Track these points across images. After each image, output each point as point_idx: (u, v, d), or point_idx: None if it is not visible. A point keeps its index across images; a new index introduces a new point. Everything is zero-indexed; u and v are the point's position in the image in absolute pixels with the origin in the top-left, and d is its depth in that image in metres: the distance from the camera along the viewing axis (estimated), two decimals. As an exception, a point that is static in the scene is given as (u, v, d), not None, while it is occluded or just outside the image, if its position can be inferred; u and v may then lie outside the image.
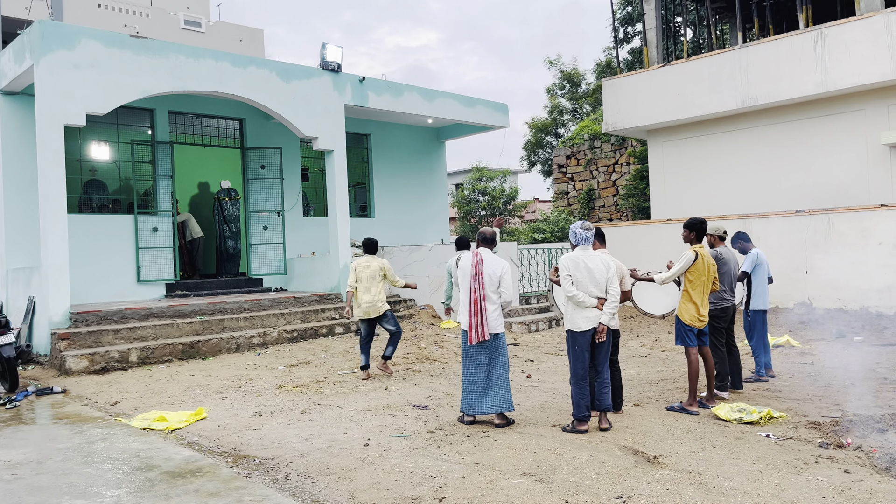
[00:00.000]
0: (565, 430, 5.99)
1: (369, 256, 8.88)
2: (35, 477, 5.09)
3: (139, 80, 10.69)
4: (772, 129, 15.22)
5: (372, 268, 8.72)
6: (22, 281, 10.72)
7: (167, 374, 8.96)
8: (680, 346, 6.86)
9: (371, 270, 8.71)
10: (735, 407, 6.42)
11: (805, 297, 12.81)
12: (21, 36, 10.51)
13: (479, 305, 6.21)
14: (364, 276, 8.69)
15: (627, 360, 9.67)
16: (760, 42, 14.93)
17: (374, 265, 8.74)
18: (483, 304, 6.21)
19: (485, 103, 16.16)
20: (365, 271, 8.70)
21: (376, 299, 8.63)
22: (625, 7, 25.06)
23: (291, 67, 12.68)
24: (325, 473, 5.04)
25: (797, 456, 5.20)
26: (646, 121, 16.66)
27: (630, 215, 21.18)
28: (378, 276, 8.71)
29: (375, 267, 8.73)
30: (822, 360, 9.32)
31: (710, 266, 6.71)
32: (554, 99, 28.39)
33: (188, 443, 5.96)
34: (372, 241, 9.00)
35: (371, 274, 8.69)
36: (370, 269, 8.72)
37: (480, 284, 6.23)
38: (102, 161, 12.88)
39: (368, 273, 8.69)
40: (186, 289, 12.82)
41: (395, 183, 16.86)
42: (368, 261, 8.80)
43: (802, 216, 13.02)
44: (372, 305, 8.64)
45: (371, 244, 8.98)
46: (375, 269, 8.72)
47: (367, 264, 8.76)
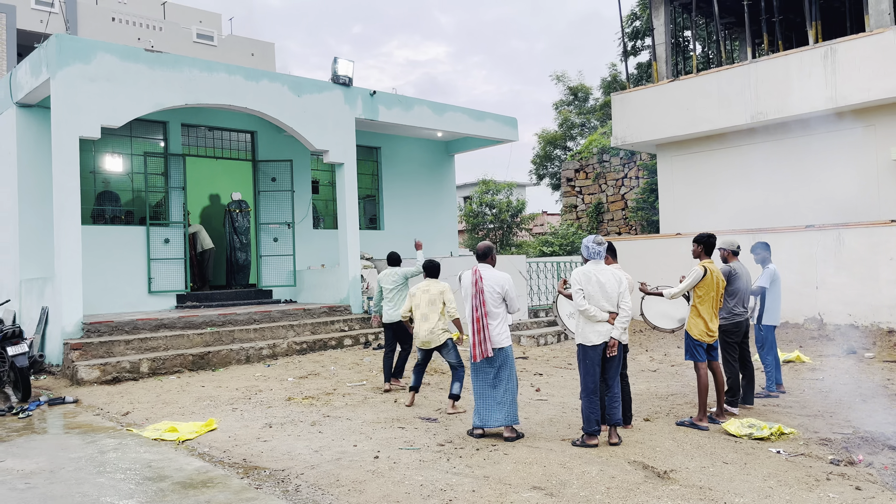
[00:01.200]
0: (575, 445, 5.99)
1: (429, 280, 7.81)
2: (48, 486, 5.13)
3: (153, 93, 10.83)
4: (781, 143, 15.21)
5: (432, 292, 7.69)
6: (35, 291, 10.82)
7: (178, 385, 9.00)
8: (689, 360, 6.86)
9: (431, 295, 7.67)
10: (745, 422, 6.40)
11: (815, 313, 12.75)
12: (38, 49, 10.67)
13: (481, 323, 6.24)
14: (423, 301, 7.69)
15: (637, 375, 9.65)
16: (770, 57, 14.97)
17: (434, 289, 7.69)
18: (485, 321, 6.24)
19: (494, 117, 16.24)
20: (424, 296, 7.70)
21: (435, 328, 7.63)
22: (632, 22, 25.17)
23: (303, 81, 12.80)
24: (336, 485, 5.05)
25: (808, 472, 5.18)
26: (655, 135, 16.69)
27: (639, 229, 21.16)
28: (438, 302, 7.65)
29: (436, 292, 7.67)
30: (832, 377, 9.28)
31: (719, 281, 6.72)
32: (564, 113, 28.49)
33: (199, 453, 5.99)
34: (434, 264, 7.94)
35: (430, 299, 7.67)
36: (430, 293, 7.69)
37: (482, 302, 6.26)
38: (115, 173, 13.01)
39: (427, 298, 7.68)
40: (197, 300, 12.90)
41: (404, 196, 16.93)
42: (428, 284, 7.77)
43: (812, 231, 12.99)
44: (430, 334, 7.66)
45: (433, 267, 7.92)
46: (436, 294, 7.66)
47: (427, 288, 7.74)
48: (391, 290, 8.89)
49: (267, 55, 32.22)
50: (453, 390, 7.62)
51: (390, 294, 8.89)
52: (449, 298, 7.67)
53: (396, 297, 8.87)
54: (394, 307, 8.85)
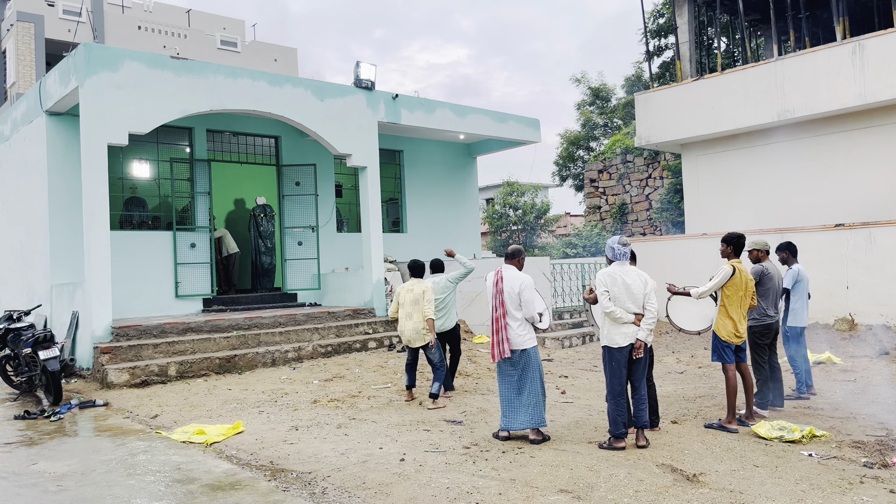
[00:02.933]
0: (602, 447, 5.94)
1: (414, 280, 8.22)
2: (80, 489, 5.21)
3: (179, 99, 10.96)
4: (809, 142, 14.99)
5: (415, 292, 8.05)
6: (66, 296, 11.00)
7: (205, 388, 9.09)
8: (717, 362, 6.77)
9: (414, 295, 8.04)
10: (776, 425, 6.30)
11: (846, 313, 12.53)
12: (66, 58, 10.85)
13: (499, 323, 6.27)
14: (407, 300, 8.07)
15: (663, 377, 9.56)
16: (797, 54, 14.76)
17: (417, 289, 8.06)
18: (504, 322, 6.26)
19: (516, 118, 16.20)
20: (408, 296, 8.07)
21: (419, 326, 7.99)
22: (656, 20, 24.98)
23: (326, 86, 12.88)
24: (362, 488, 5.06)
25: (841, 476, 5.08)
26: (679, 135, 16.54)
27: (664, 230, 20.98)
28: (421, 301, 7.99)
29: (419, 291, 8.04)
30: (864, 378, 9.11)
31: (747, 281, 6.63)
32: (586, 113, 28.35)
33: (227, 456, 6.04)
34: (418, 264, 8.36)
35: (414, 298, 8.03)
36: (413, 293, 8.05)
37: (501, 303, 6.29)
38: (142, 179, 13.19)
39: (412, 297, 8.04)
40: (223, 304, 13.02)
41: (427, 198, 16.95)
42: (412, 285, 8.13)
43: (842, 230, 12.77)
44: (415, 333, 8.01)
45: (417, 267, 8.34)
46: (419, 294, 8.02)
47: (411, 288, 8.09)
48: (443, 299, 8.56)
49: (290, 60, 32.50)
50: (432, 389, 7.94)
51: (442, 302, 8.54)
52: (428, 298, 7.95)
53: (447, 304, 8.62)
54: (443, 315, 8.56)
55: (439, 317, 8.51)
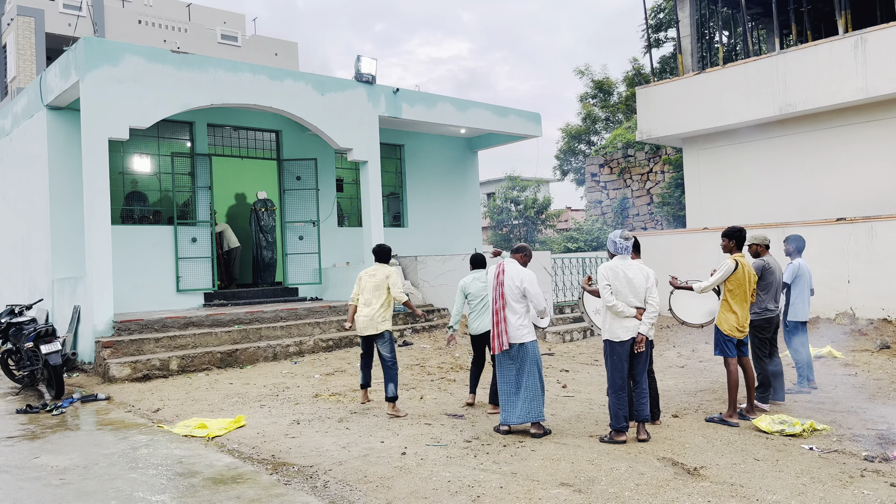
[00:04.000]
0: (603, 441, 5.95)
1: (378, 265, 7.53)
2: (82, 482, 5.22)
3: (180, 93, 10.95)
4: (811, 136, 14.96)
5: (377, 277, 7.38)
6: (67, 290, 11.02)
7: (206, 382, 9.11)
8: (719, 356, 6.78)
9: (376, 280, 7.36)
10: (777, 419, 6.31)
11: (847, 307, 12.52)
12: (67, 52, 10.84)
13: (499, 315, 6.28)
14: (368, 286, 7.39)
15: (664, 371, 9.56)
16: (799, 48, 14.71)
17: (379, 274, 7.40)
18: (504, 314, 6.27)
19: (517, 113, 16.17)
20: (370, 281, 7.40)
21: (376, 315, 7.28)
22: (657, 14, 24.92)
23: (327, 80, 12.86)
24: (364, 482, 5.08)
25: (842, 469, 5.09)
26: (681, 129, 16.50)
27: (665, 224, 20.96)
28: (382, 287, 7.33)
29: (381, 276, 7.36)
30: (865, 372, 9.11)
31: (750, 276, 6.62)
32: (587, 107, 28.31)
33: (228, 450, 6.05)
34: (384, 248, 7.61)
35: (375, 284, 7.34)
36: (375, 278, 7.38)
37: (500, 295, 6.30)
38: (143, 173, 13.19)
39: (373, 283, 7.36)
40: (224, 298, 13.04)
41: (427, 193, 16.94)
42: (375, 269, 7.48)
43: (844, 224, 12.75)
44: (369, 320, 7.29)
45: (382, 251, 7.59)
46: (381, 279, 7.34)
47: (373, 273, 7.45)
48: (480, 298, 7.51)
49: (290, 54, 32.45)
50: (388, 392, 7.15)
51: (479, 303, 7.51)
52: (394, 282, 7.29)
53: (487, 303, 7.49)
54: (482, 315, 7.52)
55: (475, 317, 7.56)
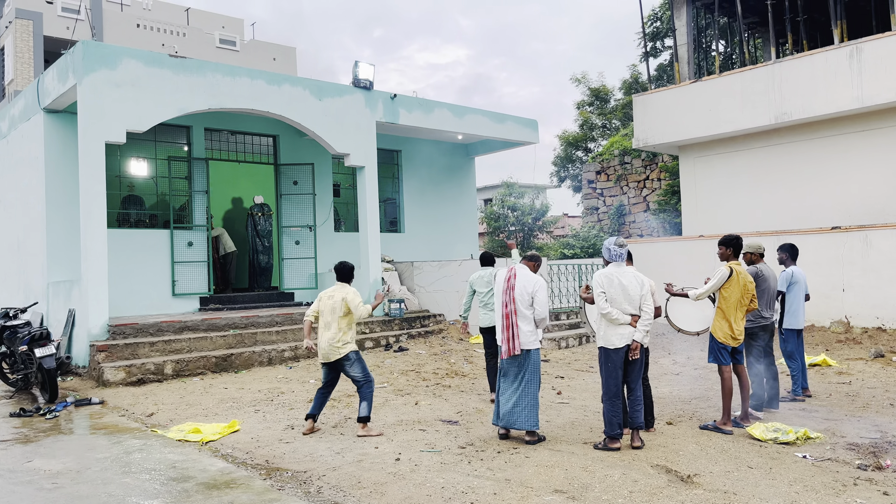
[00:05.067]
0: (597, 448, 5.96)
1: (339, 285, 6.92)
2: (75, 486, 5.21)
3: (177, 98, 10.95)
4: (806, 144, 15.03)
5: (335, 299, 6.77)
6: (63, 294, 10.99)
7: (201, 387, 9.09)
8: (713, 363, 6.79)
9: (333, 302, 6.77)
10: (770, 427, 6.32)
11: (842, 316, 12.57)
12: (65, 56, 10.84)
13: (510, 320, 6.26)
14: (325, 308, 6.81)
15: (659, 378, 9.57)
16: (795, 57, 14.80)
17: (337, 296, 6.78)
18: (514, 319, 6.24)
19: (514, 119, 16.22)
20: (327, 303, 6.81)
21: (335, 339, 6.71)
22: (654, 23, 25.02)
23: (324, 85, 12.88)
24: (357, 487, 5.07)
25: (835, 478, 5.10)
26: (677, 136, 16.57)
27: (661, 231, 21.01)
28: (339, 310, 6.72)
29: (338, 298, 6.75)
30: (860, 380, 9.13)
31: (746, 283, 6.64)
32: (584, 114, 28.37)
33: (222, 455, 6.04)
34: (345, 266, 6.99)
35: (332, 306, 6.76)
36: (333, 299, 6.78)
37: (511, 299, 6.27)
38: (140, 177, 13.19)
39: (330, 305, 6.78)
40: (220, 302, 13.02)
41: (424, 198, 16.96)
42: (333, 290, 6.87)
43: (839, 233, 12.81)
44: (330, 346, 6.72)
45: (343, 270, 6.98)
46: (338, 301, 6.74)
47: (331, 294, 6.83)
48: (487, 293, 8.26)
49: (289, 59, 32.47)
50: (361, 412, 6.65)
51: (486, 297, 8.26)
52: (352, 301, 6.70)
53: (493, 300, 8.06)
54: (490, 310, 8.21)
55: (484, 311, 8.27)
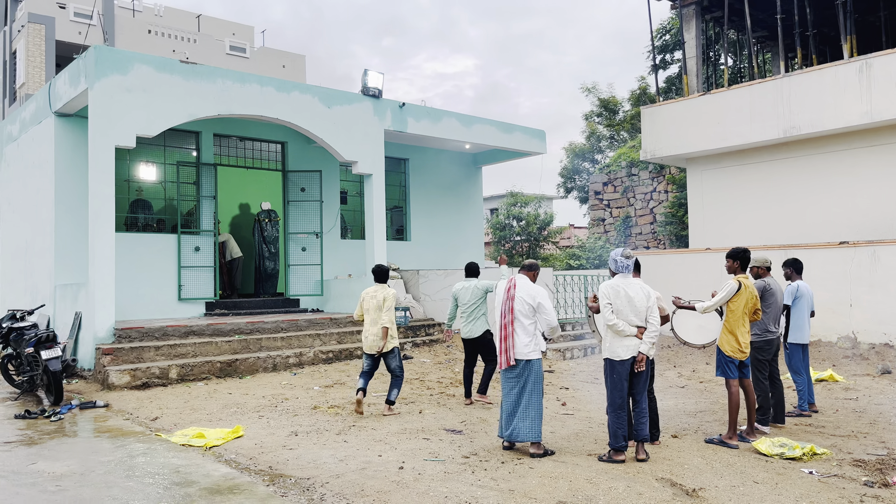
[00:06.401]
0: (601, 460, 5.93)
1: (378, 285, 8.17)
2: (78, 489, 5.21)
3: (187, 103, 11.02)
4: (815, 159, 15.00)
5: (378, 298, 8.02)
6: (69, 296, 11.03)
7: (205, 392, 9.09)
8: (720, 377, 6.76)
9: (377, 301, 8.01)
10: (777, 442, 6.28)
11: (849, 331, 12.49)
12: (77, 60, 10.93)
13: (507, 330, 6.24)
14: (371, 307, 8.04)
15: (664, 391, 9.53)
16: (804, 71, 14.79)
17: (379, 296, 8.04)
18: (511, 329, 6.23)
19: (522, 129, 16.24)
20: (372, 302, 8.04)
21: (382, 333, 7.95)
22: (662, 35, 25.07)
23: (333, 93, 12.94)
24: (360, 495, 5.05)
25: (841, 494, 5.06)
26: (685, 149, 16.56)
27: (668, 243, 20.97)
28: (383, 308, 7.99)
29: (381, 298, 8.01)
30: (866, 396, 9.07)
31: (753, 297, 6.62)
32: (592, 125, 28.40)
33: (226, 460, 6.03)
34: (382, 269, 8.24)
35: (378, 305, 8.00)
36: (376, 299, 8.02)
37: (510, 310, 6.25)
38: (148, 181, 13.25)
39: (375, 304, 8.02)
40: (225, 308, 13.04)
41: (431, 207, 16.99)
42: (376, 290, 8.11)
43: (846, 248, 12.75)
44: (376, 339, 7.98)
45: (380, 272, 8.23)
46: (381, 300, 8.00)
47: (374, 294, 8.08)
48: (470, 305, 8.54)
49: (298, 67, 32.64)
50: (390, 396, 7.93)
51: (469, 308, 8.53)
52: (388, 307, 7.93)
53: (475, 312, 8.53)
54: (472, 321, 8.52)
55: (466, 323, 8.51)
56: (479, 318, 8.50)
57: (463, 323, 8.55)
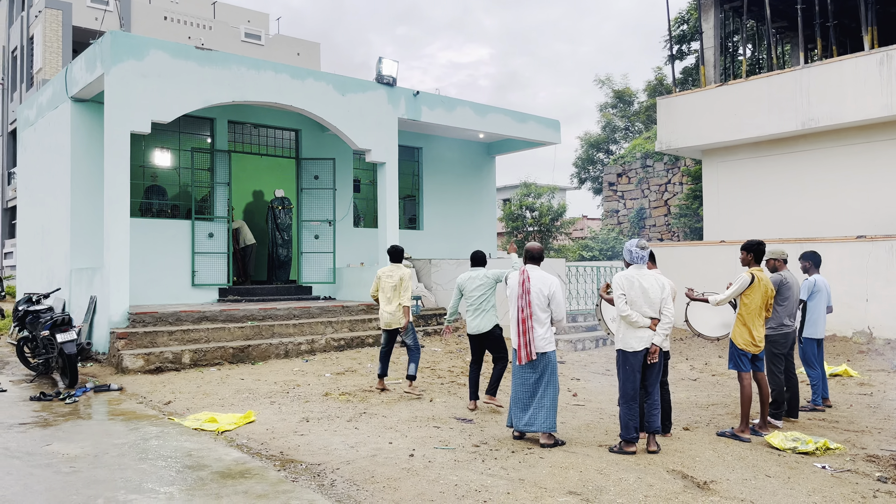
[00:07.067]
0: (612, 451, 5.91)
1: (394, 265, 8.53)
2: (92, 470, 5.26)
3: (202, 90, 11.04)
4: (833, 151, 14.82)
5: (395, 277, 8.39)
6: (85, 281, 11.12)
7: (218, 377, 9.15)
8: (733, 370, 6.71)
9: (394, 280, 8.38)
10: (789, 436, 6.23)
11: (865, 326, 12.37)
12: (93, 46, 10.97)
13: (526, 325, 6.13)
14: (387, 286, 8.41)
15: (676, 384, 9.48)
16: (823, 63, 14.59)
17: (395, 275, 8.40)
18: (530, 324, 6.13)
19: (536, 119, 16.16)
20: (388, 281, 8.41)
21: (397, 312, 8.34)
22: (680, 26, 24.81)
23: (348, 80, 12.92)
24: (371, 482, 5.07)
25: (854, 489, 5.02)
26: (701, 140, 16.41)
27: (682, 236, 20.83)
28: (399, 287, 8.37)
29: (397, 277, 8.39)
30: (881, 392, 8.99)
31: (767, 290, 6.55)
32: (607, 116, 28.21)
33: (237, 444, 6.08)
34: (397, 249, 8.64)
35: (394, 284, 8.37)
36: (393, 278, 8.40)
37: (528, 303, 6.15)
38: (163, 167, 13.31)
39: (391, 283, 8.39)
40: (238, 294, 13.11)
41: (444, 196, 16.96)
42: (392, 270, 8.48)
43: (864, 242, 12.61)
44: (393, 317, 8.36)
45: (396, 252, 8.61)
46: (398, 280, 8.37)
47: (391, 273, 8.45)
48: (477, 297, 7.56)
49: (312, 55, 32.62)
50: (409, 371, 8.30)
51: (476, 301, 7.56)
52: (406, 287, 8.33)
53: (484, 304, 7.56)
54: (480, 315, 7.54)
55: (473, 316, 7.58)
56: (487, 311, 7.56)
57: (469, 317, 7.64)
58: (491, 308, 7.60)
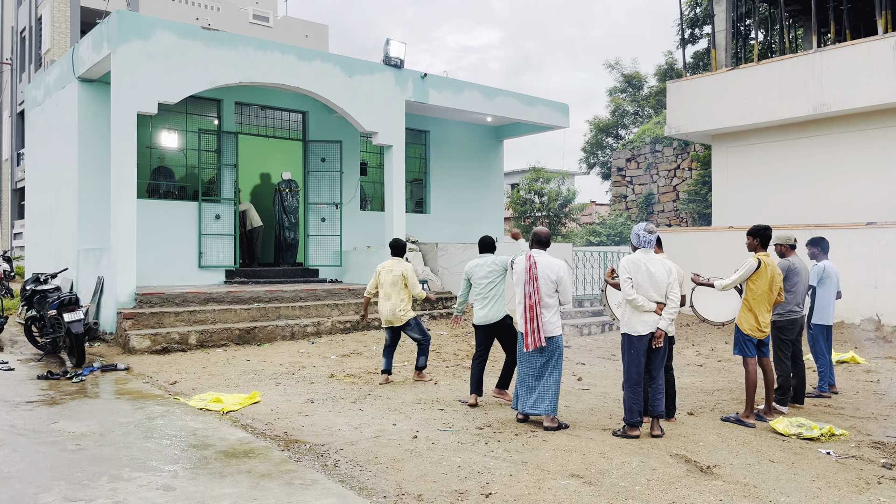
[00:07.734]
0: (616, 435, 5.91)
1: (394, 260, 8.16)
2: (97, 448, 5.30)
3: (209, 70, 10.99)
4: (844, 137, 14.66)
5: (395, 273, 7.99)
6: (92, 261, 11.17)
7: (224, 358, 9.19)
8: (738, 355, 6.68)
9: (393, 276, 7.98)
10: (794, 422, 6.21)
11: (873, 313, 12.30)
12: (100, 25, 10.93)
13: (534, 311, 6.08)
14: (386, 281, 8.01)
15: (682, 369, 9.47)
16: (836, 47, 14.40)
17: (396, 270, 8.01)
18: (538, 310, 6.08)
19: (545, 103, 16.04)
20: (387, 276, 8.01)
21: (397, 307, 7.92)
22: (692, 9, 24.52)
23: (355, 62, 12.84)
24: (374, 462, 5.09)
25: (859, 475, 5.00)
26: (711, 125, 16.26)
27: (690, 221, 20.72)
28: (399, 283, 7.96)
29: (398, 272, 7.99)
30: (888, 379, 8.94)
31: (774, 275, 6.50)
32: (617, 100, 27.99)
33: (242, 425, 6.10)
34: (399, 243, 8.25)
35: (393, 279, 7.97)
36: (392, 273, 8.00)
37: (535, 289, 6.09)
38: (170, 149, 13.30)
39: (391, 278, 7.98)
40: (245, 276, 13.14)
41: (451, 180, 16.90)
42: (392, 264, 8.09)
43: (874, 229, 12.50)
44: (392, 314, 7.95)
45: (398, 246, 8.24)
46: (398, 275, 7.98)
47: (391, 268, 8.05)
48: (486, 285, 7.10)
49: (321, 37, 32.45)
50: (419, 363, 8.17)
51: (485, 289, 7.11)
52: (412, 282, 8.00)
53: (493, 293, 7.10)
54: (489, 304, 7.09)
55: (481, 306, 7.13)
56: (496, 299, 7.10)
57: (477, 306, 7.17)
58: (500, 297, 7.17)
